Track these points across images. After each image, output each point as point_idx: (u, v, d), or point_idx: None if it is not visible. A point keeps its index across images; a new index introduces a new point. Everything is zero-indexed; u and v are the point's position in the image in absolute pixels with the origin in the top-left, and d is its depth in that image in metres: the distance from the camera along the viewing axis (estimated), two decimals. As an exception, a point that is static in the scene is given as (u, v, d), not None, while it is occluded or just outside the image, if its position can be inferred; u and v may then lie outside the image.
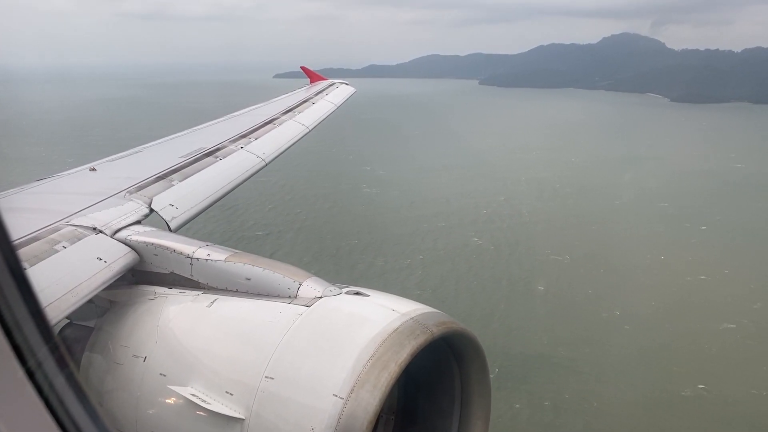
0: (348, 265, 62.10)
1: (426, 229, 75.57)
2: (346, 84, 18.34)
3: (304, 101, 14.33)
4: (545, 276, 60.36)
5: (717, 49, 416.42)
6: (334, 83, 17.80)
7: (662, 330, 48.65)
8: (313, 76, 18.70)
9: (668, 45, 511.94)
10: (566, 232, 74.85)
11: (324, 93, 15.96)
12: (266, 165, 9.43)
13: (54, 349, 2.06)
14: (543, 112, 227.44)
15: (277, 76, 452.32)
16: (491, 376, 4.36)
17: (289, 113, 12.65)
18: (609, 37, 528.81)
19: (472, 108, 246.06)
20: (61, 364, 2.09)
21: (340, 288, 4.32)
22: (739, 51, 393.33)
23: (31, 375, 1.92)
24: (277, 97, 15.15)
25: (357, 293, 4.21)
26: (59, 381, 2.07)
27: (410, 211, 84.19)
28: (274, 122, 11.55)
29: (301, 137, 11.82)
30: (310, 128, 12.47)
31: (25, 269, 2.01)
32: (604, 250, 68.20)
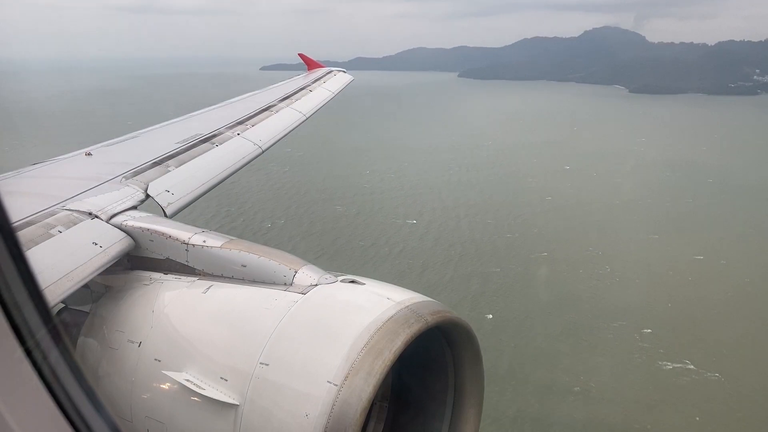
0: (212, 228, 71.23)
1: (304, 200, 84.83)
2: (344, 72, 18.15)
3: (302, 88, 14.28)
4: (381, 236, 69.61)
5: (691, 42, 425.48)
6: (332, 71, 17.65)
7: (450, 272, 58.11)
8: (311, 64, 18.57)
9: (649, 38, 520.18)
10: (429, 203, 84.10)
11: (321, 80, 15.95)
12: (263, 152, 9.44)
13: (52, 329, 2.08)
14: (495, 103, 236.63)
15: (264, 68, 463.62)
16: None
17: (286, 100, 12.69)
18: (590, 31, 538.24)
19: (435, 98, 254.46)
20: (59, 343, 2.11)
21: (336, 276, 4.36)
22: (713, 44, 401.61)
23: (29, 353, 1.95)
24: (274, 84, 15.23)
25: (352, 281, 4.27)
26: (57, 359, 2.09)
27: (301, 186, 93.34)
28: (271, 109, 11.55)
29: (298, 125, 11.81)
30: (307, 116, 12.50)
31: (24, 251, 2.04)
32: (451, 215, 77.45)
